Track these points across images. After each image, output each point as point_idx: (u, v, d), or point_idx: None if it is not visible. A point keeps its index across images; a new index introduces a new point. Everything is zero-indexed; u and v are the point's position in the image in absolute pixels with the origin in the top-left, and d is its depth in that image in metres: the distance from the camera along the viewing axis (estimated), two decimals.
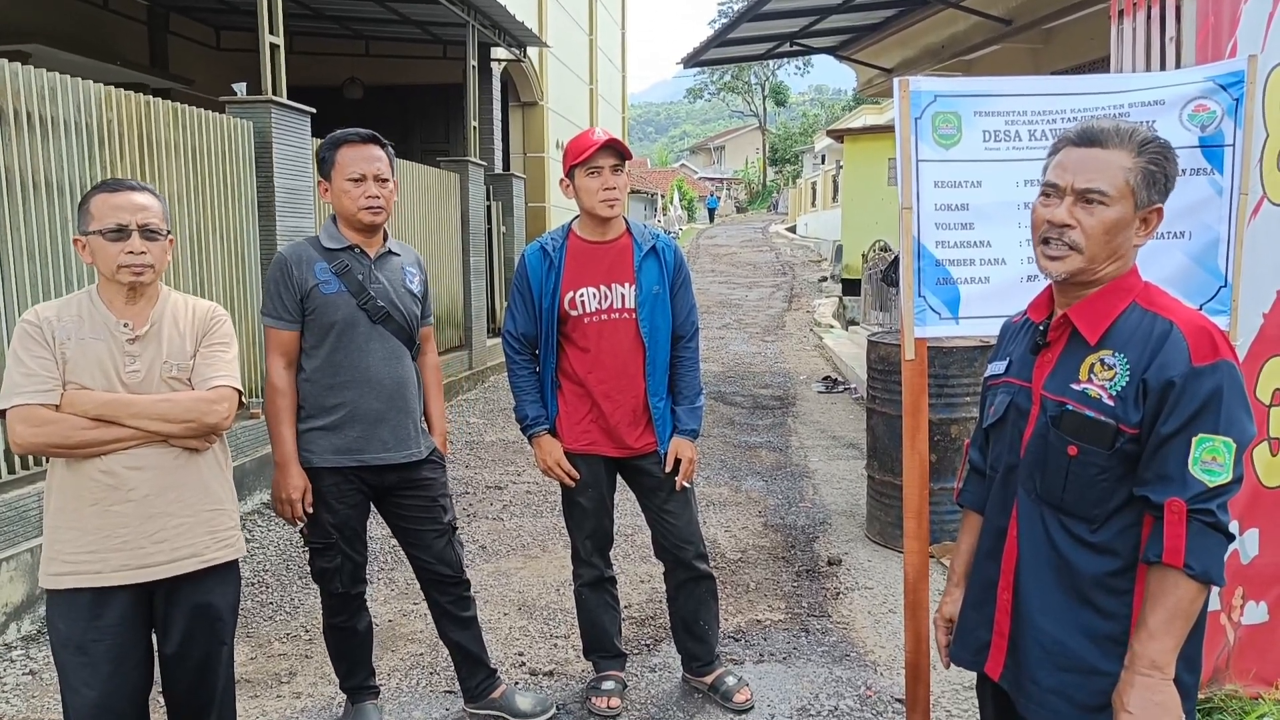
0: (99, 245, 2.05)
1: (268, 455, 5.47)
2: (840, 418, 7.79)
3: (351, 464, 2.62)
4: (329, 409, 2.61)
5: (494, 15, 9.64)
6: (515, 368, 2.92)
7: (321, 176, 2.64)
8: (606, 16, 19.66)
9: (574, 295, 2.81)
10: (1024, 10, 6.98)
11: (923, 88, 2.46)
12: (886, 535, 4.54)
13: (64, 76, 4.11)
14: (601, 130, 2.85)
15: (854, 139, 16.68)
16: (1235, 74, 2.40)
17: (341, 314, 2.58)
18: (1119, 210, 1.55)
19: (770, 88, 51.91)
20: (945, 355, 4.27)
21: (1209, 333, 1.51)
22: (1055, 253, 1.58)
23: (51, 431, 1.98)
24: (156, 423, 2.05)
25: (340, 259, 2.61)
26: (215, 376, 2.15)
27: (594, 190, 2.76)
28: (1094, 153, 1.56)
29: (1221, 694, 2.79)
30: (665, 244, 2.92)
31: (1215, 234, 2.44)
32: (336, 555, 2.65)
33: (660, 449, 2.90)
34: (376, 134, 2.66)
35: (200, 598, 2.16)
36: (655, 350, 2.85)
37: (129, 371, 2.07)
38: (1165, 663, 1.46)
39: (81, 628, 2.05)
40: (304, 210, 5.99)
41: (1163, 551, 1.46)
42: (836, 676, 3.24)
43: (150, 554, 2.07)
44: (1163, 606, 1.47)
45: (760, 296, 16.58)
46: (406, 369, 2.71)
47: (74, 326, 2.05)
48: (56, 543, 2.06)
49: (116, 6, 9.76)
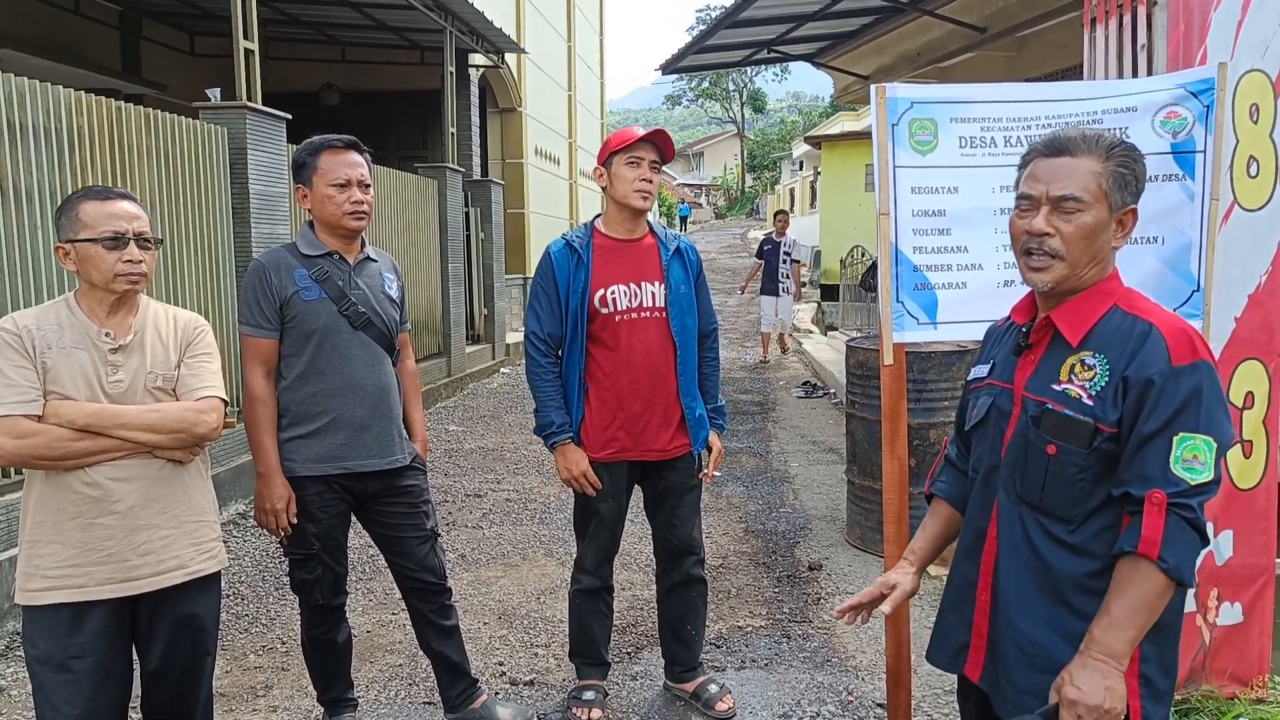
0: (93, 253, 2.02)
1: (243, 465, 5.41)
2: (820, 423, 7.82)
3: (336, 471, 2.58)
4: (312, 416, 2.57)
5: (471, 21, 9.62)
6: (540, 370, 2.83)
7: (299, 182, 2.61)
8: (584, 23, 19.67)
9: (604, 293, 2.77)
10: (998, 18, 7.06)
11: (899, 94, 2.47)
12: (867, 540, 4.55)
13: (34, 82, 4.04)
14: (647, 128, 2.84)
15: (831, 145, 16.81)
16: (1206, 81, 2.44)
17: (323, 320, 2.55)
18: (1094, 214, 1.57)
19: (748, 94, 52.20)
20: (924, 360, 4.29)
21: (1188, 334, 1.53)
22: (1038, 264, 1.60)
23: (37, 443, 1.94)
24: (144, 434, 2.03)
25: (320, 265, 2.58)
26: (202, 387, 2.14)
27: (630, 179, 2.74)
28: (1064, 161, 1.59)
29: (1198, 694, 2.81)
30: (687, 245, 2.96)
31: (1187, 239, 2.47)
32: (318, 566, 2.61)
33: (695, 449, 2.90)
34: (356, 140, 2.64)
35: (184, 609, 2.14)
36: (686, 349, 2.85)
37: (112, 381, 2.04)
38: (1121, 653, 1.47)
39: (63, 645, 2.00)
40: (279, 217, 5.94)
41: (1138, 541, 1.47)
42: (818, 682, 3.24)
43: (135, 567, 2.04)
44: (1128, 596, 1.47)
45: (740, 302, 16.61)
46: (388, 375, 2.68)
47: (54, 335, 2.02)
48: (35, 557, 2.00)
49: (88, 11, 9.64)
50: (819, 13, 7.83)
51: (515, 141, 14.23)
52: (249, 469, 5.47)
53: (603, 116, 22.27)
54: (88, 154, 4.35)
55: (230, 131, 5.52)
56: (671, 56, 9.68)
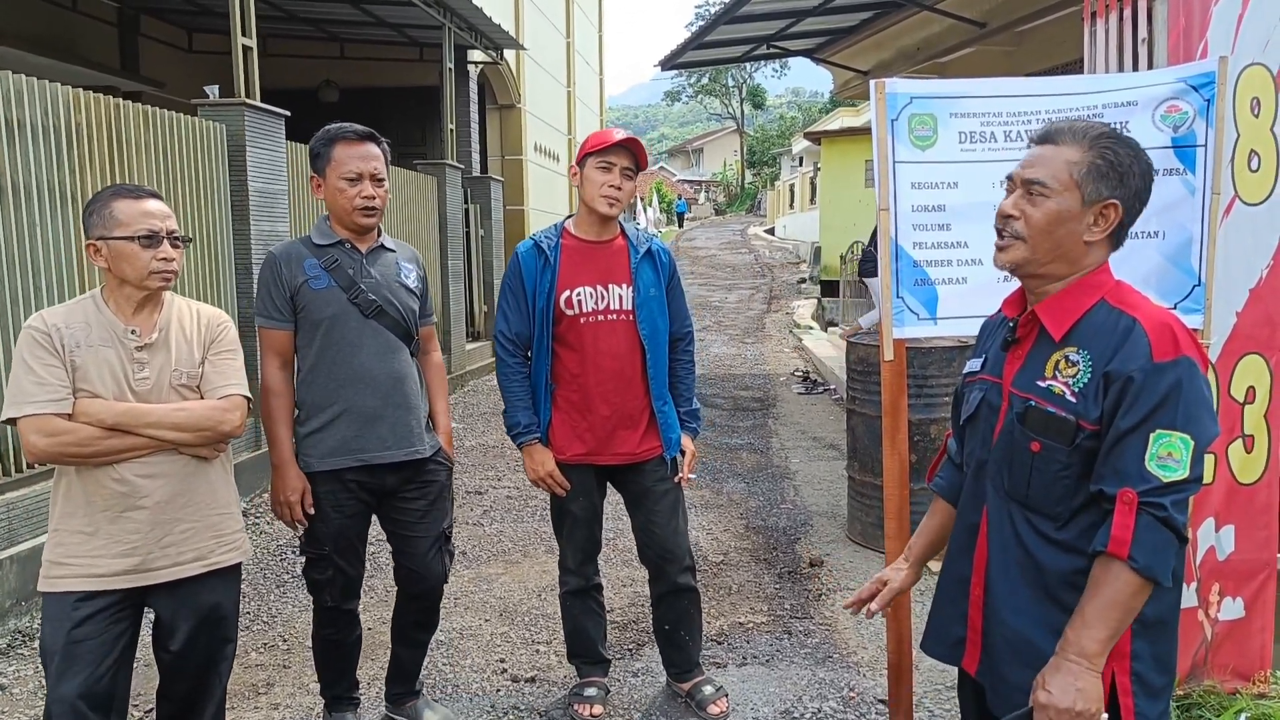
0: (128, 251, 2.05)
1: (243, 463, 5.40)
2: (820, 419, 7.81)
3: (352, 463, 2.56)
4: (324, 407, 2.57)
5: (470, 18, 9.60)
6: (508, 371, 2.84)
7: (314, 171, 2.58)
8: (583, 19, 19.63)
9: (570, 294, 2.76)
10: (997, 13, 7.04)
11: (899, 90, 2.47)
12: (868, 536, 4.54)
13: (31, 79, 4.03)
14: (624, 133, 2.82)
15: (831, 141, 16.77)
16: (1206, 75, 2.43)
17: (331, 309, 2.54)
18: (1060, 203, 1.56)
19: (748, 90, 52.09)
20: (924, 355, 4.28)
21: (1171, 329, 1.51)
22: (1001, 243, 1.63)
23: (67, 441, 1.99)
24: (171, 432, 2.07)
25: (330, 254, 2.57)
26: (225, 385, 2.17)
27: (599, 184, 2.73)
28: (1045, 149, 1.61)
29: (1199, 690, 2.81)
30: (659, 247, 2.93)
31: (1189, 234, 2.47)
32: (329, 568, 2.60)
33: (666, 454, 2.88)
34: (373, 131, 2.61)
35: (205, 598, 2.18)
36: (656, 353, 2.83)
37: (139, 379, 2.08)
38: (1094, 652, 1.46)
39: (68, 628, 2.04)
40: (278, 214, 5.93)
41: (1109, 541, 1.46)
42: (819, 678, 3.24)
43: (156, 558, 2.10)
44: (1100, 596, 1.46)
45: (740, 298, 16.62)
46: (404, 364, 2.64)
47: (83, 333, 2.05)
48: (60, 545, 2.07)
49: (85, 8, 9.62)
50: (818, 8, 7.81)
51: (514, 138, 14.22)
52: (249, 466, 5.48)
53: (602, 113, 22.24)
54: (86, 151, 4.34)
55: (229, 128, 5.51)
56: (671, 52, 9.66)
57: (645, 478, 2.88)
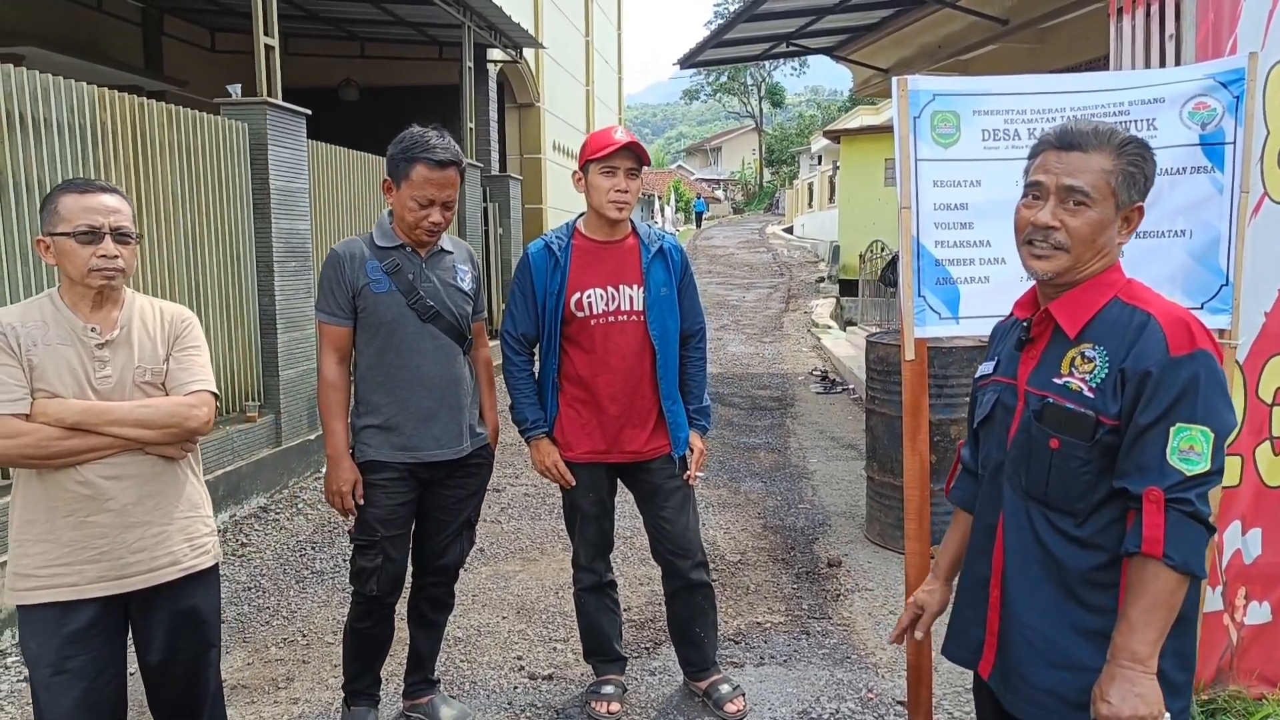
0: (68, 247, 1.96)
1: (264, 459, 5.45)
2: (839, 418, 7.78)
3: (406, 459, 2.63)
4: (380, 405, 2.63)
5: (489, 16, 9.62)
6: (514, 369, 2.87)
7: (389, 175, 2.60)
8: (602, 17, 19.65)
9: (580, 296, 2.76)
10: (1020, 10, 6.97)
11: (921, 87, 2.44)
12: (886, 536, 4.52)
13: (57, 78, 4.08)
14: (624, 131, 2.79)
15: (850, 140, 16.70)
16: (1236, 71, 2.39)
17: (391, 313, 2.59)
18: (1101, 211, 1.57)
19: (766, 89, 51.94)
20: (945, 355, 4.25)
21: (1186, 323, 1.52)
22: (1041, 252, 1.61)
23: (26, 443, 1.90)
24: (136, 430, 1.99)
25: (392, 257, 2.61)
26: (191, 381, 2.10)
27: (605, 190, 2.71)
28: (1075, 156, 1.59)
29: (1225, 694, 2.77)
30: (671, 245, 2.90)
31: (1216, 232, 2.43)
32: (379, 555, 2.64)
33: (675, 452, 2.87)
34: (457, 157, 2.58)
35: (182, 603, 2.11)
36: (666, 353, 2.83)
37: (100, 377, 2.00)
38: (1146, 655, 1.46)
39: (54, 643, 1.97)
40: (299, 212, 5.97)
41: (1142, 542, 1.46)
42: (838, 679, 3.22)
43: (128, 564, 2.01)
44: (1143, 598, 1.47)
45: (758, 297, 16.57)
46: (458, 367, 2.70)
47: (39, 332, 1.97)
48: (24, 556, 1.98)
49: (110, 8, 9.73)
50: (838, 5, 7.77)
51: (533, 137, 14.26)
52: (269, 462, 5.52)
53: (620, 111, 22.25)
54: (110, 150, 4.39)
55: (251, 127, 5.55)
56: (690, 51, 9.64)
57: (654, 475, 2.88)
